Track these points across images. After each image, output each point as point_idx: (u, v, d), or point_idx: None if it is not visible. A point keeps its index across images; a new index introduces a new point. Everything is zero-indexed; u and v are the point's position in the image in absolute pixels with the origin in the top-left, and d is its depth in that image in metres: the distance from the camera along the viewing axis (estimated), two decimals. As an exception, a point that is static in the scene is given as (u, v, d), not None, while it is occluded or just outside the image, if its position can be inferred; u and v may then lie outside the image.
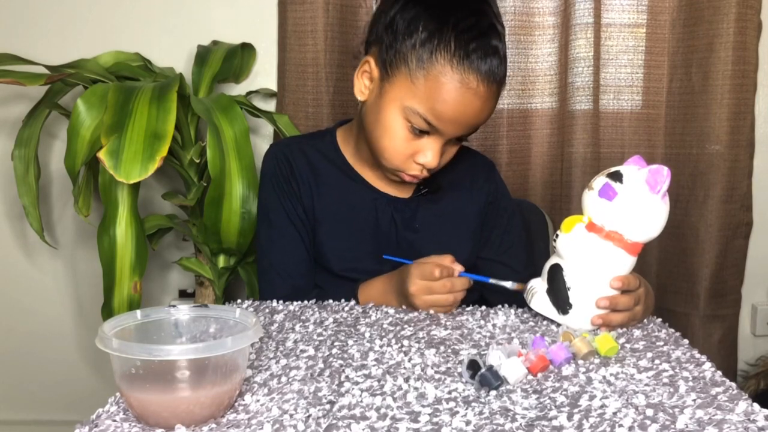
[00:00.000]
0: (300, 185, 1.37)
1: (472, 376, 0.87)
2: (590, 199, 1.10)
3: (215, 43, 1.96)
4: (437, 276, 1.18)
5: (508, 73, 1.92)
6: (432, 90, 1.18)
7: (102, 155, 1.34)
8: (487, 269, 1.41)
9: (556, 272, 1.12)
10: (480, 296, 1.41)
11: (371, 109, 1.28)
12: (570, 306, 1.10)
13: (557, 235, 1.13)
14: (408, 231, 1.38)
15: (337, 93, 1.94)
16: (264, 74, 2.02)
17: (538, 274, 1.18)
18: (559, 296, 1.11)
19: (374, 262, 1.34)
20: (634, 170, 1.08)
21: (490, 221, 1.45)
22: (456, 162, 1.44)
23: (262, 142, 2.03)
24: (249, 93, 1.97)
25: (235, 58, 1.92)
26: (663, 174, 1.05)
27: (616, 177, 1.08)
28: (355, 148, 1.40)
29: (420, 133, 1.22)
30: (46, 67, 1.65)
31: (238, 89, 2.00)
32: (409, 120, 1.21)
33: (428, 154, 1.24)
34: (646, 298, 1.15)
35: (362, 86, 1.30)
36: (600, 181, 1.10)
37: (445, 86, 1.18)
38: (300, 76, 1.93)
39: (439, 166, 1.28)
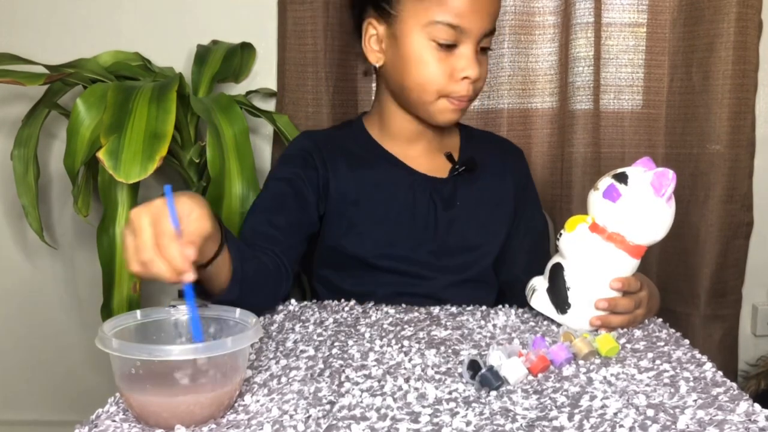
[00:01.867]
0: (329, 172, 1.35)
1: (473, 377, 0.87)
2: (595, 199, 1.10)
3: (215, 42, 1.95)
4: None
5: (508, 73, 1.95)
6: None
7: (101, 155, 1.34)
8: (510, 257, 1.42)
9: (556, 271, 1.12)
10: (496, 299, 1.40)
11: (394, 61, 1.31)
12: (568, 306, 1.10)
13: (561, 234, 1.13)
14: (448, 210, 1.36)
15: (337, 93, 1.93)
16: (264, 74, 2.01)
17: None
18: (558, 295, 1.11)
19: (410, 247, 1.33)
20: (640, 172, 1.08)
21: (521, 207, 1.45)
22: (486, 144, 1.47)
23: (261, 142, 2.03)
24: (249, 93, 1.97)
25: (235, 58, 1.91)
26: (668, 177, 1.05)
27: (622, 178, 1.08)
28: (384, 127, 1.40)
29: (448, 48, 1.25)
30: (46, 66, 1.65)
31: (237, 89, 2.00)
32: (434, 38, 1.25)
33: (465, 65, 1.26)
34: (650, 302, 1.15)
35: (374, 51, 1.33)
36: (605, 181, 1.10)
37: None
38: (300, 75, 1.92)
39: (481, 79, 1.30)
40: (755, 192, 2.03)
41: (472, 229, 1.36)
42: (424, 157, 1.39)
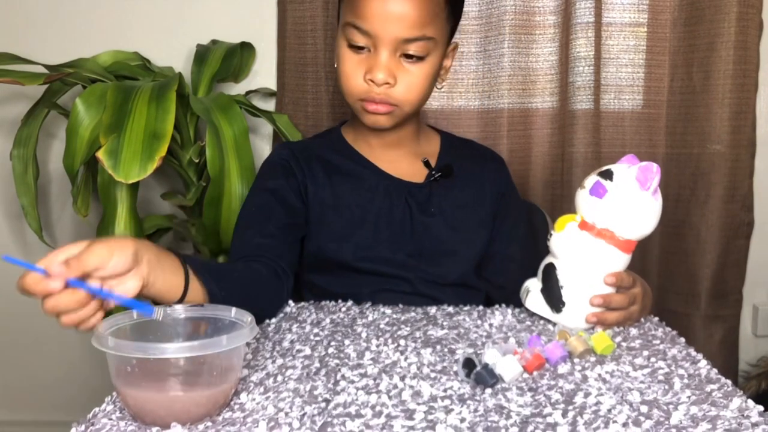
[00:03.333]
0: (307, 179, 1.36)
1: (468, 374, 0.87)
2: (582, 197, 1.11)
3: (214, 42, 1.96)
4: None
5: (508, 73, 1.95)
6: None
7: (101, 155, 1.34)
8: (494, 264, 1.41)
9: (549, 271, 1.12)
10: (486, 300, 1.40)
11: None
12: (563, 304, 1.10)
13: (551, 235, 1.13)
14: (424, 215, 1.36)
15: (336, 92, 1.93)
16: (263, 73, 2.02)
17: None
18: (552, 295, 1.11)
19: (389, 250, 1.33)
20: (624, 168, 1.09)
21: (501, 214, 1.43)
22: (466, 151, 1.46)
23: (261, 142, 2.03)
24: (248, 92, 1.97)
25: (235, 58, 1.92)
26: (653, 171, 1.05)
27: (607, 175, 1.09)
28: (356, 134, 1.41)
29: (360, 49, 1.27)
30: (45, 66, 1.65)
31: (237, 89, 2.00)
32: (348, 39, 1.27)
33: (370, 66, 1.26)
34: (644, 298, 1.15)
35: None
36: (591, 179, 1.11)
37: None
38: (299, 75, 1.93)
39: (405, 87, 1.29)
40: (756, 192, 2.03)
41: (448, 234, 1.36)
42: (400, 162, 1.40)
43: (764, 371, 2.07)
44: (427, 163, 1.41)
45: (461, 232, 1.37)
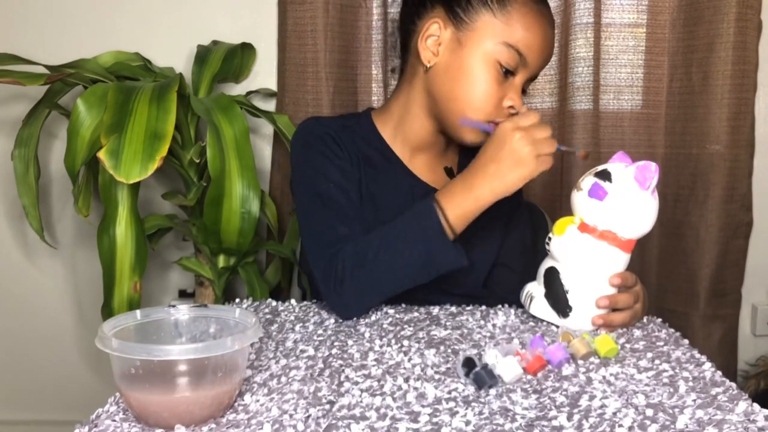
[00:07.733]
0: (350, 155, 1.32)
1: (467, 374, 0.87)
2: (580, 199, 1.10)
3: (215, 42, 1.95)
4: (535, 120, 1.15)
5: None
6: (520, 21, 1.22)
7: (102, 155, 1.34)
8: (499, 275, 1.39)
9: (552, 276, 1.12)
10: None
11: (447, 68, 1.27)
12: (570, 308, 1.10)
13: (550, 238, 1.13)
14: None
15: (337, 93, 1.93)
16: (264, 74, 2.01)
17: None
18: (558, 300, 1.11)
19: None
20: (621, 168, 1.08)
21: (512, 225, 1.42)
22: None
23: (261, 142, 2.03)
24: (249, 93, 1.97)
25: (235, 58, 1.92)
26: (651, 170, 1.05)
27: (605, 176, 1.08)
28: (399, 129, 1.36)
29: (507, 74, 1.24)
30: (46, 66, 1.65)
31: (237, 89, 2.00)
32: (500, 59, 1.22)
33: (513, 95, 1.25)
34: (644, 295, 1.16)
35: (428, 50, 1.28)
36: (588, 181, 1.10)
37: (529, 15, 1.23)
38: (300, 75, 1.92)
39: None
40: (755, 192, 2.03)
41: (468, 241, 1.34)
42: (427, 166, 1.37)
43: (763, 371, 2.07)
44: (449, 172, 1.38)
45: (481, 239, 1.35)
